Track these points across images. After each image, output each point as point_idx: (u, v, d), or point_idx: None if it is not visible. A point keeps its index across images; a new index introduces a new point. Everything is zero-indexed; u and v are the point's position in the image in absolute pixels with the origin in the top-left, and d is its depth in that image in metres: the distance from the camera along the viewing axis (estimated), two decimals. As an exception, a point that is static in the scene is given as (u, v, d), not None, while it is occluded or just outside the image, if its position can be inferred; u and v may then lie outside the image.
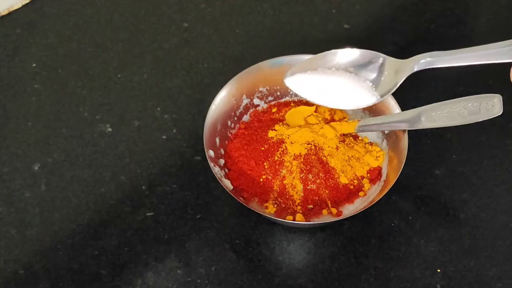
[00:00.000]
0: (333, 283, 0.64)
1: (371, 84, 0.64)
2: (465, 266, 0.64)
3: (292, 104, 0.73)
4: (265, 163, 0.67)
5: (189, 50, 0.82)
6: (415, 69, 0.61)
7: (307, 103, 0.73)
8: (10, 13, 0.85)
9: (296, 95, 0.74)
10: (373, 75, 0.64)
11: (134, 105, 0.78)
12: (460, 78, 0.76)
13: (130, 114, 0.77)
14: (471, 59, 0.59)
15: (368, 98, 0.64)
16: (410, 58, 0.61)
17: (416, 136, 0.69)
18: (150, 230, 0.68)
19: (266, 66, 0.72)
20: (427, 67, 0.61)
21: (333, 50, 0.64)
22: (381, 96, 0.63)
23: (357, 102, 0.64)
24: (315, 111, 0.71)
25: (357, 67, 0.64)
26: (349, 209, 0.67)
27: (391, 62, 0.63)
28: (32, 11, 0.86)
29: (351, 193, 0.67)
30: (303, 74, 0.65)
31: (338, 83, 0.64)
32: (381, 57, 0.63)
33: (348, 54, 0.64)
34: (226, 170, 0.69)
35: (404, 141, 0.66)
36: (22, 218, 0.69)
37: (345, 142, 0.68)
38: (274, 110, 0.73)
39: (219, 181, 0.65)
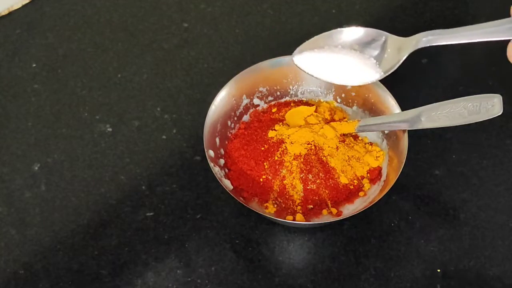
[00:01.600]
0: (333, 283, 0.64)
1: (375, 61, 0.64)
2: (465, 266, 0.64)
3: (292, 104, 0.73)
4: (265, 163, 0.67)
5: (189, 50, 0.82)
6: (418, 47, 0.61)
7: (307, 103, 0.73)
8: (10, 13, 0.85)
9: (296, 95, 0.74)
10: (376, 52, 0.64)
11: (134, 105, 0.77)
12: (460, 78, 0.76)
13: (130, 114, 0.77)
14: (471, 36, 0.59)
15: (372, 75, 0.64)
16: (412, 36, 0.62)
17: (416, 136, 0.69)
18: (150, 230, 0.68)
19: (266, 66, 0.72)
20: (429, 45, 0.61)
21: (339, 29, 0.65)
22: (385, 73, 0.64)
23: (362, 78, 0.65)
24: (315, 111, 0.71)
25: (362, 45, 0.65)
26: (349, 209, 0.67)
27: (394, 40, 0.64)
28: (32, 11, 0.86)
29: (351, 193, 0.67)
30: (311, 52, 0.65)
31: (344, 60, 0.65)
32: (383, 35, 0.64)
33: (353, 32, 0.65)
34: (226, 170, 0.69)
35: (404, 141, 0.66)
36: (22, 218, 0.69)
37: (345, 142, 0.68)
38: (274, 110, 0.73)
39: (219, 181, 0.65)
